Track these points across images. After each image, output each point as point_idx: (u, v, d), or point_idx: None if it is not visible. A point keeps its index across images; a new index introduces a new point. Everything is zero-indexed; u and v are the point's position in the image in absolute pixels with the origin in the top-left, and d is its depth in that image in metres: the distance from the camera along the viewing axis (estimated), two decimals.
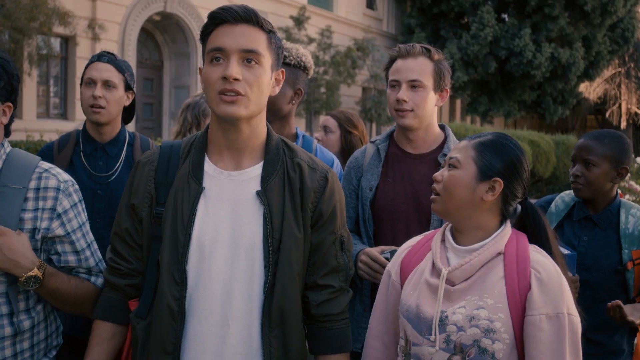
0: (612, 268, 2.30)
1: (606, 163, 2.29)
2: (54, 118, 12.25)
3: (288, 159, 1.66)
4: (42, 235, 1.68)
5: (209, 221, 1.58)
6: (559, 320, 1.51)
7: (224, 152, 1.63)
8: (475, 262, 1.59)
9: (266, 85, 1.59)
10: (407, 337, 1.64)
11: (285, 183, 1.62)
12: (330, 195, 1.66)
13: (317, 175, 1.65)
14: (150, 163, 1.66)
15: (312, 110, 16.36)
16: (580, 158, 2.33)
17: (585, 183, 2.31)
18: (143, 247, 1.64)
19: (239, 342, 1.56)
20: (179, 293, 1.55)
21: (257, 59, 1.55)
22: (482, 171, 1.62)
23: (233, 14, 1.54)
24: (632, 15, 20.65)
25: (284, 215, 1.59)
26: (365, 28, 19.53)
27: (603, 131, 2.38)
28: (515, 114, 20.80)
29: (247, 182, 1.61)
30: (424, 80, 2.18)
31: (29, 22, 9.35)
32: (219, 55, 1.54)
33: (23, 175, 1.68)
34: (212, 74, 1.54)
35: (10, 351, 1.65)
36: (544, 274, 1.54)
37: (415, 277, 1.68)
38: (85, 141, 2.51)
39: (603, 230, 2.35)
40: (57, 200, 1.70)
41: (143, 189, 1.64)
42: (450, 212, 1.64)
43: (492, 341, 1.52)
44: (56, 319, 1.86)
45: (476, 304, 1.55)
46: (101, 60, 2.45)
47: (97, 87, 2.42)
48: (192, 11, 14.19)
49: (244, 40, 1.54)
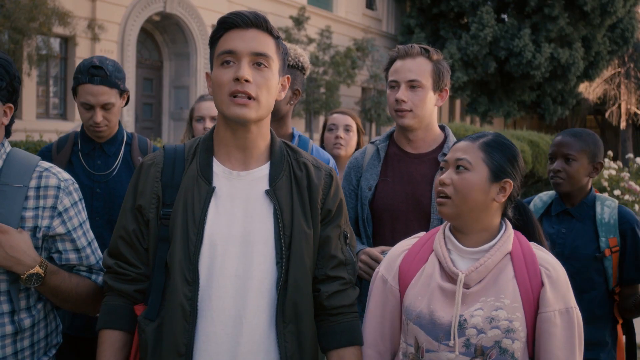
0: (590, 256, 2.42)
1: (584, 158, 2.44)
2: (53, 118, 12.25)
3: (293, 160, 1.69)
4: (43, 234, 1.69)
5: (220, 220, 1.58)
6: (569, 314, 1.57)
7: (232, 152, 1.64)
8: (489, 263, 1.60)
9: (274, 88, 1.62)
10: (418, 344, 1.62)
11: (293, 182, 1.65)
12: (335, 192, 1.70)
13: (323, 174, 1.69)
14: (156, 165, 1.66)
15: (311, 111, 16.36)
16: (560, 154, 2.46)
17: (566, 177, 2.45)
18: (149, 250, 1.63)
19: (252, 340, 1.55)
20: (191, 292, 1.54)
21: (267, 62, 1.58)
22: (494, 173, 1.63)
23: (244, 19, 1.58)
24: (631, 15, 20.66)
25: (293, 213, 1.61)
26: (365, 28, 19.53)
27: (577, 129, 2.54)
28: (514, 114, 20.80)
29: (256, 182, 1.63)
30: (423, 81, 2.19)
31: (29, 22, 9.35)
32: (229, 58, 1.56)
33: (24, 174, 1.68)
34: (223, 76, 1.56)
35: (11, 349, 1.66)
36: (552, 271, 1.59)
37: (422, 281, 1.66)
38: (83, 141, 2.52)
39: (580, 222, 2.48)
40: (58, 199, 1.71)
41: (150, 190, 1.63)
42: (462, 215, 1.63)
43: (512, 340, 1.54)
44: (56, 318, 1.86)
45: (493, 305, 1.56)
46: (94, 83, 2.34)
47: (96, 112, 2.38)
48: (191, 11, 14.19)
49: (254, 43, 1.57)
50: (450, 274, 1.62)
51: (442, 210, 1.65)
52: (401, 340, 1.70)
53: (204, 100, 3.13)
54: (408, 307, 1.66)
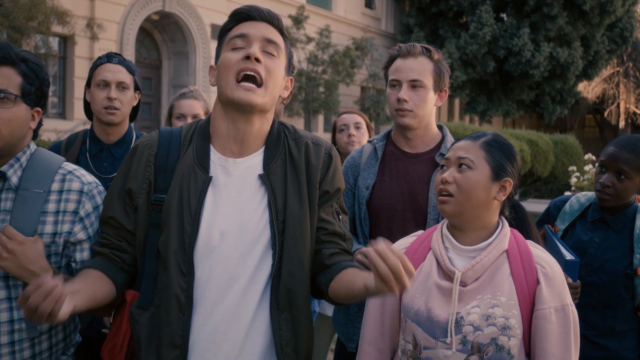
0: (620, 271, 2.25)
1: (638, 176, 2.23)
2: (52, 117, 12.24)
3: (290, 140, 1.66)
4: (64, 239, 1.67)
5: (217, 210, 1.56)
6: (564, 311, 1.59)
7: (228, 143, 1.62)
8: (486, 261, 1.61)
9: (280, 80, 1.62)
10: (416, 341, 1.63)
11: (288, 163, 1.62)
12: (334, 174, 1.68)
13: (322, 152, 1.67)
14: (150, 147, 1.63)
15: (310, 110, 16.36)
16: (612, 167, 2.25)
17: (614, 194, 2.26)
18: (136, 234, 1.60)
19: (248, 329, 1.54)
20: (186, 284, 1.52)
21: (277, 52, 1.59)
22: (495, 172, 1.65)
23: (259, 12, 1.60)
24: (630, 14, 20.67)
25: (287, 197, 1.59)
26: (364, 27, 19.53)
27: (636, 140, 2.27)
28: (513, 114, 20.81)
29: (251, 168, 1.61)
30: (425, 80, 2.18)
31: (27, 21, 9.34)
32: (240, 42, 1.57)
33: (45, 178, 1.67)
34: (232, 57, 1.55)
35: (29, 352, 1.65)
36: (548, 269, 1.61)
37: (420, 279, 1.67)
38: (92, 141, 2.52)
39: (616, 233, 2.30)
40: (80, 204, 1.69)
41: (142, 175, 1.60)
42: (464, 213, 1.64)
43: (508, 338, 1.56)
44: (74, 319, 1.84)
45: (490, 302, 1.57)
46: (112, 62, 2.46)
47: (112, 88, 2.43)
48: (190, 10, 14.18)
49: (266, 31, 1.59)
50: (447, 272, 1.63)
51: (445, 208, 1.66)
52: (400, 337, 1.71)
53: (186, 98, 3.05)
54: (406, 304, 1.67)
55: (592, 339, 2.29)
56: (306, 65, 16.18)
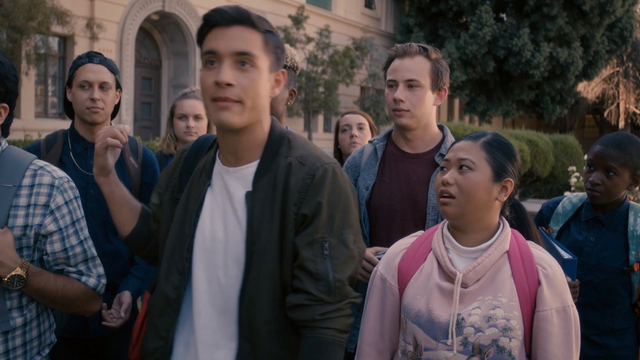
0: (617, 269, 2.27)
1: (626, 172, 2.26)
2: (52, 117, 12.25)
3: (282, 156, 1.58)
4: (34, 232, 1.69)
5: (211, 216, 1.60)
6: (565, 312, 1.58)
7: (225, 151, 1.63)
8: (487, 262, 1.60)
9: (263, 88, 1.53)
10: (417, 342, 1.63)
11: (272, 184, 1.56)
12: (315, 194, 1.52)
13: (304, 173, 1.54)
14: (184, 151, 1.76)
15: (310, 110, 16.36)
16: (601, 165, 2.27)
17: (604, 191, 2.28)
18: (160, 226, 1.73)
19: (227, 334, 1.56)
20: (179, 282, 1.58)
21: (252, 61, 1.49)
22: (496, 172, 1.64)
23: (225, 16, 1.49)
24: (630, 15, 20.68)
25: (262, 219, 1.53)
26: (364, 27, 19.53)
27: (622, 137, 2.31)
28: (513, 114, 20.82)
29: (243, 180, 1.59)
30: (421, 80, 2.17)
31: (27, 21, 9.35)
32: (212, 58, 1.49)
33: (15, 173, 1.69)
34: (206, 79, 1.49)
35: (2, 348, 1.66)
36: (549, 270, 1.60)
37: (421, 280, 1.66)
38: (75, 141, 2.49)
39: (611, 232, 2.32)
40: (51, 197, 1.71)
41: (170, 175, 1.74)
42: (466, 214, 1.63)
43: (509, 339, 1.55)
44: (49, 317, 1.86)
45: (491, 303, 1.57)
46: (93, 62, 2.43)
47: (95, 89, 2.41)
48: (190, 10, 14.18)
49: (237, 42, 1.48)
50: (448, 273, 1.62)
51: (446, 209, 1.65)
52: (400, 338, 1.71)
53: (187, 98, 3.08)
54: (407, 305, 1.67)
55: (591, 339, 2.30)
56: (306, 66, 16.18)
